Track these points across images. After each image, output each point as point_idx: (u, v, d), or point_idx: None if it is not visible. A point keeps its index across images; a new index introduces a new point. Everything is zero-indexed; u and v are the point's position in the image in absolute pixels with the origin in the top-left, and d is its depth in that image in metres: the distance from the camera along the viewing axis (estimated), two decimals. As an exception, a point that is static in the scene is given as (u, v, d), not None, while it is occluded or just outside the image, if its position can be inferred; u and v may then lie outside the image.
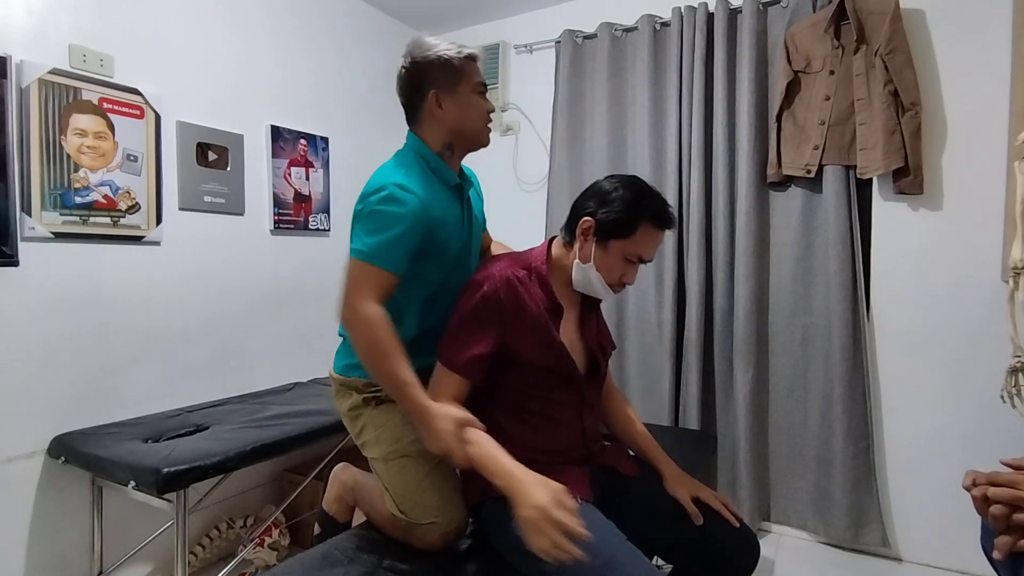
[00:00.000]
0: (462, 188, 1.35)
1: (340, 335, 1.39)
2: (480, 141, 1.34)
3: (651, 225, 1.17)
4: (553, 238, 1.33)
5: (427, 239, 1.22)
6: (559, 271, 1.27)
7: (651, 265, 2.49)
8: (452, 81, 1.27)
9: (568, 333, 1.26)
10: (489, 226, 1.59)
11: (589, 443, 1.28)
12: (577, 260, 1.23)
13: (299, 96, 2.54)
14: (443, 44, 1.29)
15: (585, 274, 1.22)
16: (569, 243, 1.25)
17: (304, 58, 2.55)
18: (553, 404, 1.23)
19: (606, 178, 1.26)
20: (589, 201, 1.22)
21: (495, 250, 1.54)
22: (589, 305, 1.34)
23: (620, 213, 1.17)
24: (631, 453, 1.39)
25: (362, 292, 1.14)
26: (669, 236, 2.45)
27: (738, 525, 1.18)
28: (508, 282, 1.19)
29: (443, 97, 1.28)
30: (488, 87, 1.37)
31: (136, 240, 1.95)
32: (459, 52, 1.28)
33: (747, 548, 1.20)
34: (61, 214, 1.76)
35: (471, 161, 1.43)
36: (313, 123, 2.60)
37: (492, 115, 1.35)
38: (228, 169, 2.24)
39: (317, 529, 1.53)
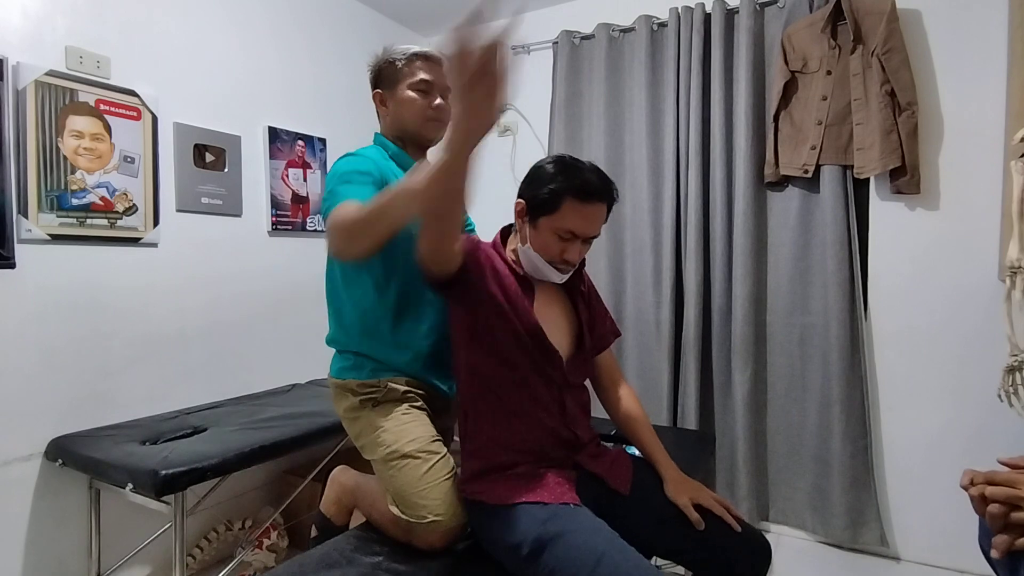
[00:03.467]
0: None
1: (328, 343, 1.40)
2: (420, 136, 1.39)
3: (575, 199, 1.16)
4: (506, 228, 1.35)
5: (380, 186, 1.26)
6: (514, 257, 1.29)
7: (649, 265, 2.50)
8: (392, 81, 1.38)
9: (545, 312, 1.26)
10: (486, 228, 1.59)
11: (571, 426, 1.26)
12: (520, 244, 1.25)
13: (297, 97, 2.54)
14: (400, 48, 1.39)
15: (527, 255, 1.23)
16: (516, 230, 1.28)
17: (301, 59, 2.55)
18: (531, 387, 1.22)
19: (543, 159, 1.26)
20: (523, 184, 1.24)
21: None
22: (571, 288, 1.34)
23: (544, 190, 1.17)
24: (633, 453, 1.38)
25: (333, 226, 1.11)
26: (667, 236, 2.46)
27: (740, 530, 1.16)
28: (483, 247, 1.24)
29: (385, 96, 1.40)
30: (445, 87, 1.37)
31: (133, 242, 1.95)
32: (405, 53, 1.37)
33: (759, 552, 1.17)
34: (58, 216, 1.75)
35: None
36: (311, 124, 2.60)
37: (436, 110, 1.36)
38: (225, 170, 2.24)
39: (314, 532, 1.53)
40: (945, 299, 2.08)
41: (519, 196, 1.24)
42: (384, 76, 1.39)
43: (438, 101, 1.38)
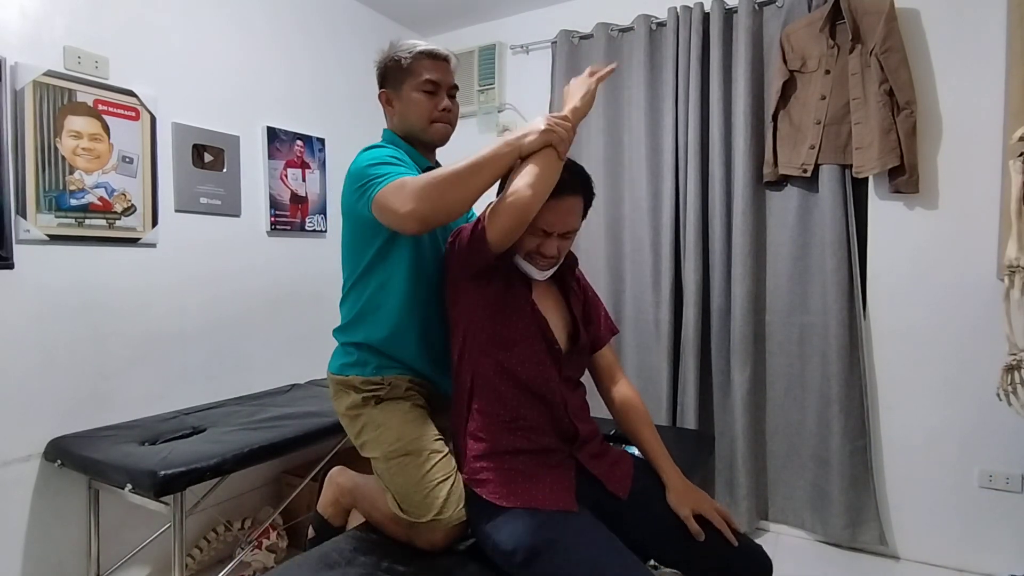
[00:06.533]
0: None
1: (335, 337, 1.40)
2: (424, 138, 1.36)
3: None
4: None
5: None
6: None
7: (648, 265, 2.50)
8: (398, 80, 1.35)
9: (541, 306, 1.25)
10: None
11: (572, 418, 1.26)
12: None
13: (295, 97, 2.53)
14: (406, 45, 1.35)
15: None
16: None
17: (300, 59, 2.55)
18: (534, 369, 1.22)
19: None
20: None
21: None
22: (565, 284, 1.34)
23: None
24: (634, 453, 1.38)
25: (401, 187, 1.12)
26: (666, 236, 2.46)
27: (736, 543, 1.16)
28: None
29: (391, 96, 1.38)
30: (452, 86, 1.38)
31: (132, 242, 1.95)
32: (410, 52, 1.33)
33: (759, 568, 1.17)
34: (56, 216, 1.75)
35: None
36: (310, 124, 2.60)
37: (443, 112, 1.35)
38: (224, 171, 2.24)
39: (311, 533, 1.52)
40: (944, 298, 2.09)
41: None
42: (390, 75, 1.36)
43: (445, 103, 1.35)
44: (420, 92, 1.33)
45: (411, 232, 1.14)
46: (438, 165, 1.43)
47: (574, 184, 1.20)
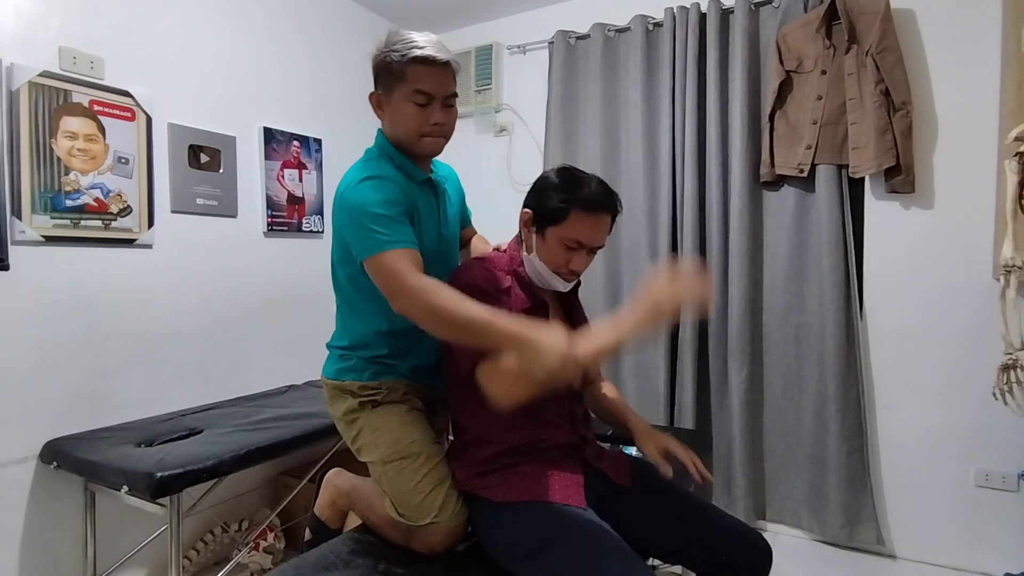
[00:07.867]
0: (433, 184, 1.33)
1: (328, 347, 1.39)
2: (413, 152, 1.25)
3: (581, 210, 1.17)
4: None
5: (410, 216, 1.21)
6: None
7: (646, 265, 2.50)
8: (390, 85, 1.22)
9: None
10: (483, 227, 1.59)
11: (580, 429, 1.29)
12: (526, 253, 1.26)
13: (292, 98, 2.53)
14: (400, 43, 1.19)
15: (533, 265, 1.24)
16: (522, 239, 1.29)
17: (297, 59, 2.54)
18: (541, 404, 1.21)
19: (549, 170, 1.28)
20: (530, 195, 1.26)
21: (475, 244, 1.54)
22: (568, 299, 1.35)
23: (551, 201, 1.19)
24: (632, 454, 1.39)
25: (400, 275, 1.08)
26: (663, 236, 2.46)
27: (701, 482, 1.23)
28: (494, 265, 1.26)
29: (382, 99, 1.25)
30: (448, 95, 1.24)
31: (128, 243, 1.94)
32: (404, 55, 1.17)
33: (760, 555, 1.18)
34: (52, 217, 1.74)
35: (461, 159, 1.41)
36: (306, 124, 2.59)
37: (435, 126, 1.22)
38: (220, 171, 2.23)
39: (308, 535, 1.52)
40: (940, 298, 2.09)
41: (525, 206, 1.25)
42: (381, 76, 1.23)
43: (437, 117, 1.21)
44: (410, 103, 1.19)
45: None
46: (432, 173, 1.34)
47: (609, 202, 1.21)
